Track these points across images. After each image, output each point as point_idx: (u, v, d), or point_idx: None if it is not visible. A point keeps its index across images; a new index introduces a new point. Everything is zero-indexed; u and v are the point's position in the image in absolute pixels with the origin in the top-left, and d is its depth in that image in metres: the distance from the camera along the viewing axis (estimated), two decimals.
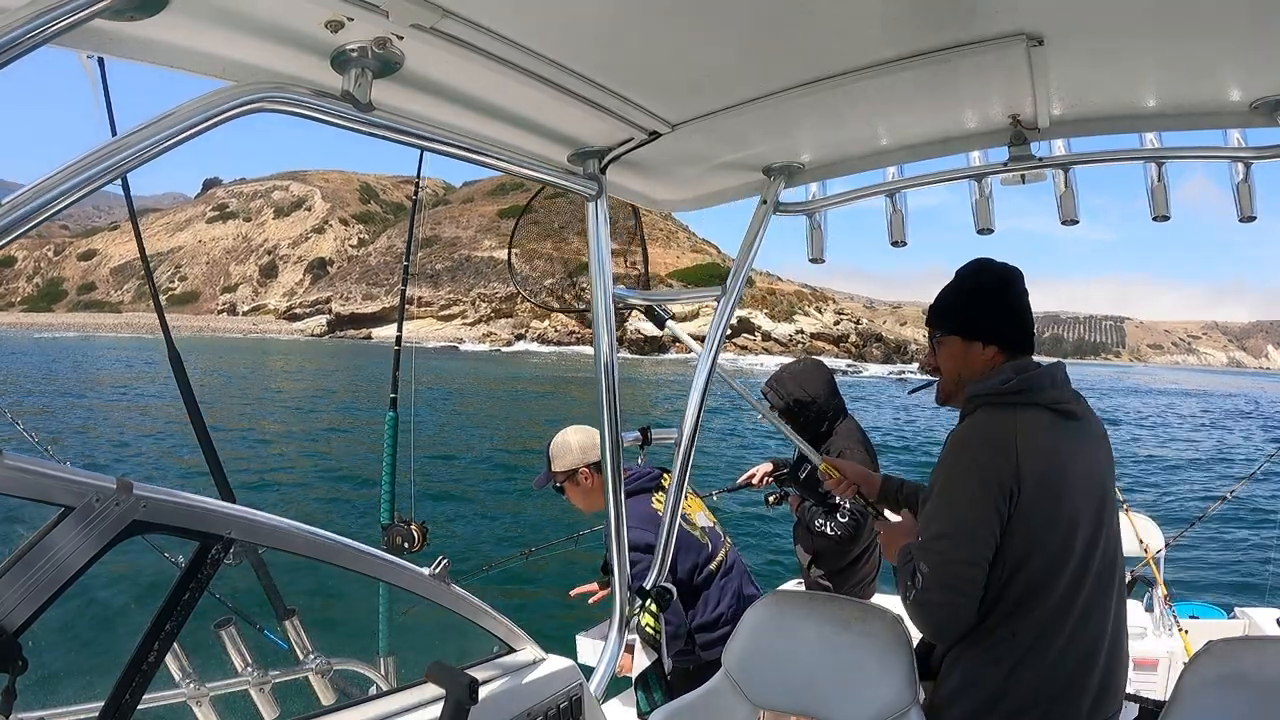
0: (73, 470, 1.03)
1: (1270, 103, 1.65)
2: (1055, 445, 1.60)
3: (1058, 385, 1.66)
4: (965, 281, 1.77)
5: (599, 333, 2.15)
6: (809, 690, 1.74)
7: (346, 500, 12.18)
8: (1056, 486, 1.56)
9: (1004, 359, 1.70)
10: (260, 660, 1.95)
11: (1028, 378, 1.64)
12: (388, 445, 3.00)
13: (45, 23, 0.86)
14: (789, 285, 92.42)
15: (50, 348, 63.52)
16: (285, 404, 28.23)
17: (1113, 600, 1.63)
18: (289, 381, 38.77)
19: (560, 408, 27.54)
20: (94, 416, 21.70)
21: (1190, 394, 71.50)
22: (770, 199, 2.24)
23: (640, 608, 2.40)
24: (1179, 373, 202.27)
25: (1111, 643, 1.61)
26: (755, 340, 77.29)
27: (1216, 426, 33.38)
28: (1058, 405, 1.63)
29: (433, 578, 1.64)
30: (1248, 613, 4.06)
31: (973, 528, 1.54)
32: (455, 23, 1.24)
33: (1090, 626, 1.58)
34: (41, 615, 0.95)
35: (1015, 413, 1.61)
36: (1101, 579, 1.60)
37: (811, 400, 3.29)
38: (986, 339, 1.71)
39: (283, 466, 15.15)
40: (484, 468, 15.38)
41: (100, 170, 0.98)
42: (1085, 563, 1.58)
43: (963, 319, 1.75)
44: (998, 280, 1.75)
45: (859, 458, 3.19)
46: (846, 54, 1.50)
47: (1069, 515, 1.57)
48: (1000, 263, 1.77)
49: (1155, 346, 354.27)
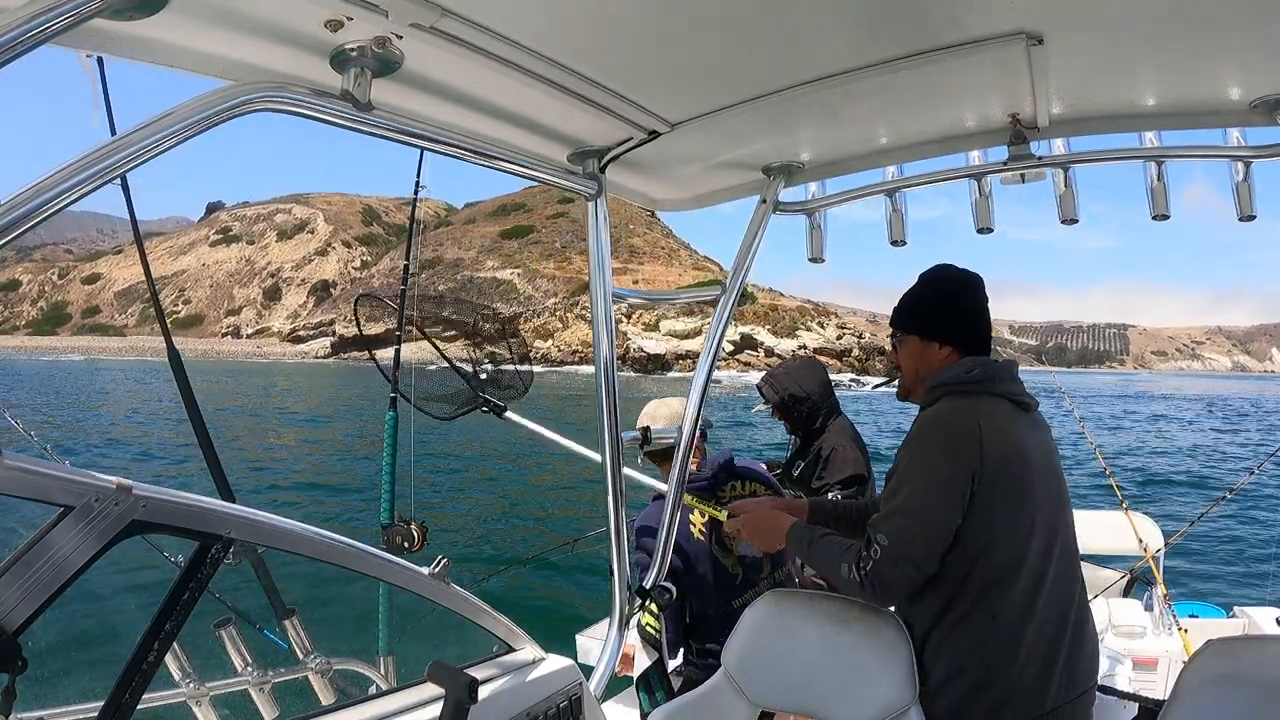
0: (72, 470, 1.03)
1: (1270, 102, 1.65)
2: (1017, 432, 1.66)
3: (1015, 380, 1.75)
4: (925, 285, 1.85)
5: (599, 333, 2.15)
6: (809, 690, 1.73)
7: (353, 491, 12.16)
8: (1018, 471, 1.62)
9: (955, 359, 1.78)
10: (260, 660, 1.95)
11: (989, 369, 1.72)
12: (387, 445, 3.00)
13: (45, 22, 0.86)
14: (791, 301, 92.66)
15: (55, 372, 62.99)
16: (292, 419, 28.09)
17: (1076, 586, 1.70)
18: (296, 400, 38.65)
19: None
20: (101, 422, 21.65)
21: (1192, 398, 71.49)
22: (770, 198, 2.25)
23: (640, 607, 2.40)
24: (1183, 379, 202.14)
25: (1075, 627, 1.66)
26: (758, 357, 77.28)
27: (1222, 430, 33.30)
28: (1015, 397, 1.72)
29: (432, 577, 1.64)
30: (1247, 612, 4.07)
31: (934, 503, 1.60)
32: (455, 22, 1.24)
33: (1057, 609, 1.64)
34: (41, 615, 0.95)
35: (978, 400, 1.68)
36: (1065, 564, 1.67)
37: (806, 396, 3.32)
38: (943, 339, 1.80)
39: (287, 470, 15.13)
40: (485, 464, 15.38)
41: (100, 170, 0.98)
42: (1048, 547, 1.63)
43: (921, 320, 1.84)
44: (955, 284, 1.83)
45: (851, 456, 3.22)
46: (846, 54, 1.50)
47: (1033, 500, 1.63)
48: (961, 269, 1.84)
49: (1159, 353, 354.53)
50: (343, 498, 12.59)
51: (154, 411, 27.61)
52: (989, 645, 1.61)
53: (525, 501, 13.06)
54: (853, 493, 3.16)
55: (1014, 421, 1.68)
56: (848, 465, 3.18)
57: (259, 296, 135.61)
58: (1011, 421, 1.68)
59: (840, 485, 3.17)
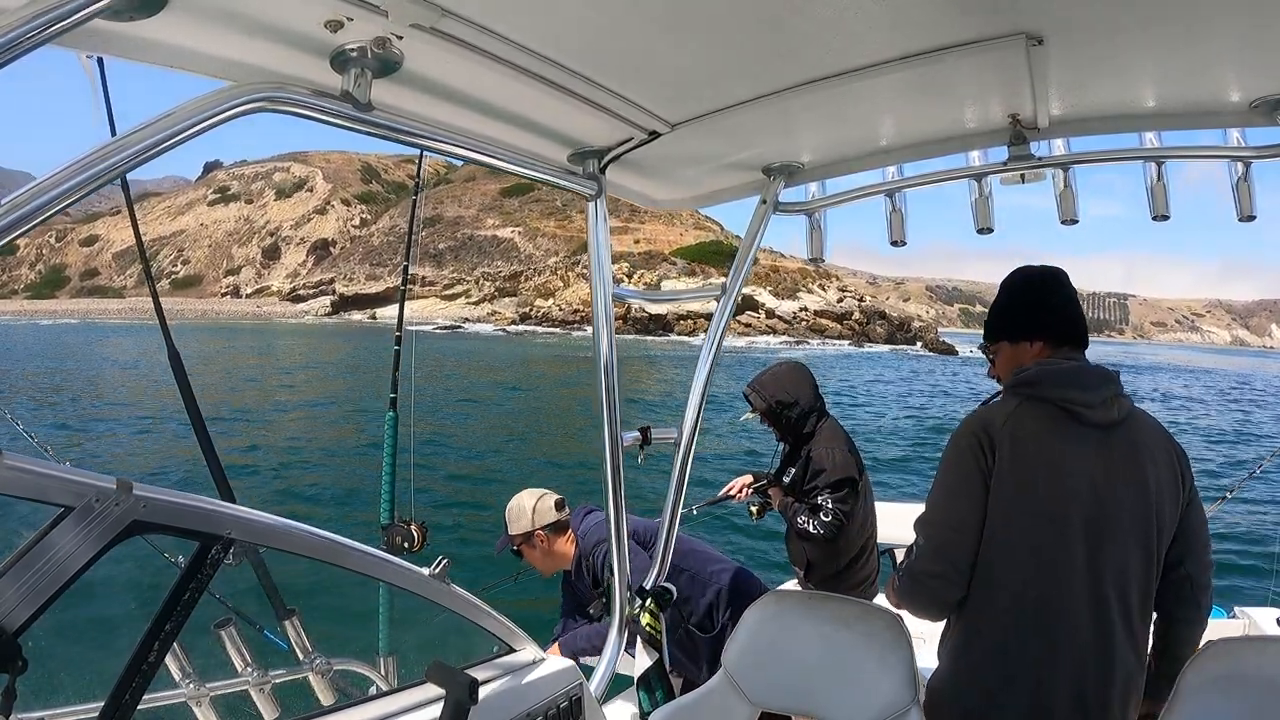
0: (72, 470, 1.03)
1: (1270, 102, 1.65)
2: (1045, 438, 1.61)
3: (1075, 387, 1.63)
4: (1004, 293, 1.84)
5: (599, 332, 2.15)
6: (809, 690, 1.73)
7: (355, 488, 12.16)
8: (1032, 477, 1.58)
9: (1051, 352, 1.73)
10: (260, 660, 1.95)
11: (1043, 373, 1.66)
12: (387, 445, 3.00)
13: (45, 23, 0.86)
14: (793, 263, 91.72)
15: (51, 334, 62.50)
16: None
17: (1115, 625, 1.57)
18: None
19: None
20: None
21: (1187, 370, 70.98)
22: (770, 199, 2.25)
23: (640, 607, 2.40)
24: (1178, 351, 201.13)
25: (1103, 670, 1.56)
26: (759, 318, 76.88)
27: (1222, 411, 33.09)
28: (1069, 404, 1.62)
29: (432, 578, 1.64)
30: (1248, 612, 4.06)
31: (950, 504, 1.63)
32: (455, 22, 1.24)
33: (1077, 643, 1.56)
34: (41, 615, 0.95)
35: (1016, 403, 1.66)
36: (1100, 596, 1.56)
37: (793, 401, 3.31)
38: (1032, 336, 1.76)
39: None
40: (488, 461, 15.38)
41: (100, 170, 0.98)
42: (1069, 569, 1.55)
43: (1006, 325, 1.82)
44: (1031, 282, 1.81)
45: (841, 459, 3.20)
46: (846, 54, 1.50)
47: (1048, 511, 1.57)
48: (1038, 266, 1.83)
49: (1159, 324, 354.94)
50: (342, 499, 12.58)
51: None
52: (975, 656, 1.62)
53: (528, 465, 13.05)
54: (844, 495, 3.14)
55: (1051, 430, 1.61)
56: (838, 469, 3.16)
57: (258, 256, 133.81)
58: (1046, 429, 1.61)
59: (830, 489, 3.15)
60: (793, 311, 79.44)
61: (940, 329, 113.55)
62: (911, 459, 15.94)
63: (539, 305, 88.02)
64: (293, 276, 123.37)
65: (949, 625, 1.72)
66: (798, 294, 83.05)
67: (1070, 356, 1.71)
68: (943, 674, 1.70)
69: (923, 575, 1.64)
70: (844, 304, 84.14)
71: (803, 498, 3.25)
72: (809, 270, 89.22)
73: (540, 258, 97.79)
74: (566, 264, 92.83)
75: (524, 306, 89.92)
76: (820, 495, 3.15)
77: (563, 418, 22.14)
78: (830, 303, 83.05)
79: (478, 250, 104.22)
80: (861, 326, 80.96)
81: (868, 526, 3.33)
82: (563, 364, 38.51)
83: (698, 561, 3.00)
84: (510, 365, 39.31)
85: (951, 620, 1.71)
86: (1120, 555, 1.57)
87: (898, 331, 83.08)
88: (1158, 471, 1.62)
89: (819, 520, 3.12)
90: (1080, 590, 1.56)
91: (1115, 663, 1.57)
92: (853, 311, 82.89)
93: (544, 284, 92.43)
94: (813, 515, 3.14)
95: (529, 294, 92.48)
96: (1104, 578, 1.56)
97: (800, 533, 3.19)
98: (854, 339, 77.58)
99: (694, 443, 2.39)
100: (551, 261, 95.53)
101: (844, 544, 3.20)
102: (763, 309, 78.00)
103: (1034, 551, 1.57)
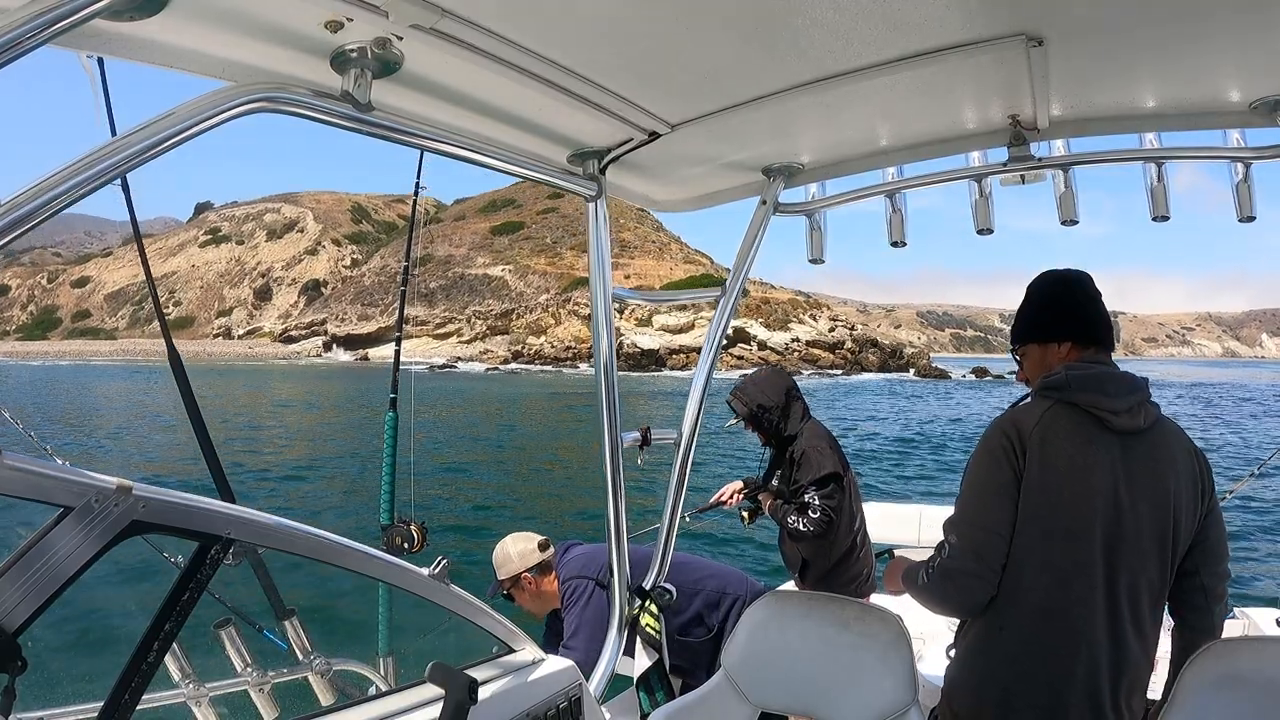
0: (72, 470, 1.02)
1: (1269, 103, 1.65)
2: (1073, 444, 1.60)
3: (1107, 393, 1.62)
4: (1028, 296, 1.83)
5: (598, 333, 2.15)
6: (809, 690, 1.73)
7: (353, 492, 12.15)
8: (1058, 482, 1.57)
9: (1079, 354, 1.72)
10: (260, 660, 1.95)
11: (1074, 376, 1.65)
12: (387, 446, 3.00)
13: (45, 23, 0.86)
14: (783, 293, 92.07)
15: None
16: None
17: (1126, 627, 1.58)
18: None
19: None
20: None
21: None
22: (770, 199, 2.25)
23: (640, 607, 2.40)
24: (1170, 365, 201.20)
25: (1115, 669, 1.57)
26: (751, 350, 76.79)
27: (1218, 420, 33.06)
28: (1097, 409, 1.61)
29: (432, 578, 1.64)
30: (1247, 613, 4.05)
31: (981, 503, 1.61)
32: (455, 23, 1.24)
33: (1090, 642, 1.56)
34: (41, 615, 0.95)
35: (1044, 406, 1.64)
36: (1114, 600, 1.57)
37: (774, 405, 3.36)
38: (1060, 337, 1.75)
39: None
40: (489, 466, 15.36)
41: (100, 170, 0.98)
42: (1089, 574, 1.56)
43: (1032, 327, 1.80)
44: (1056, 284, 1.80)
45: (824, 455, 3.23)
46: (846, 54, 1.50)
47: (1071, 517, 1.57)
48: (1063, 269, 1.82)
49: (1150, 340, 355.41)
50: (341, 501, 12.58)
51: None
52: (994, 655, 1.61)
53: (526, 501, 13.06)
54: (829, 491, 3.17)
55: (1079, 435, 1.60)
56: (824, 464, 3.21)
57: (250, 297, 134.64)
58: (1074, 432, 1.60)
59: (815, 485, 3.19)
60: (785, 343, 79.33)
61: (932, 354, 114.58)
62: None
63: (530, 343, 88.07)
64: (285, 317, 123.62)
65: (966, 623, 1.70)
66: (789, 325, 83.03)
67: (1098, 359, 1.71)
68: (960, 670, 1.69)
69: (958, 574, 1.62)
70: (836, 333, 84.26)
71: (791, 498, 3.28)
72: (799, 301, 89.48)
73: (531, 295, 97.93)
74: (558, 301, 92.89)
75: (516, 344, 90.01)
76: (807, 493, 3.18)
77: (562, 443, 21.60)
78: (822, 332, 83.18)
79: (469, 289, 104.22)
80: (854, 355, 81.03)
81: (857, 523, 3.36)
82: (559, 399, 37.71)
83: (683, 574, 3.01)
84: (505, 403, 38.19)
85: (971, 618, 1.69)
86: (1137, 562, 1.58)
87: (890, 359, 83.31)
88: (1179, 481, 1.62)
89: (808, 518, 3.16)
90: (1098, 594, 1.57)
91: (1126, 663, 1.59)
92: (845, 341, 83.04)
93: (535, 321, 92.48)
94: (801, 514, 3.18)
95: (521, 331, 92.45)
96: (1119, 581, 1.57)
97: (791, 532, 3.22)
98: (846, 368, 77.55)
99: (694, 443, 2.39)
100: (543, 299, 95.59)
101: (835, 540, 3.24)
102: (754, 341, 77.87)
103: (1058, 555, 1.57)
